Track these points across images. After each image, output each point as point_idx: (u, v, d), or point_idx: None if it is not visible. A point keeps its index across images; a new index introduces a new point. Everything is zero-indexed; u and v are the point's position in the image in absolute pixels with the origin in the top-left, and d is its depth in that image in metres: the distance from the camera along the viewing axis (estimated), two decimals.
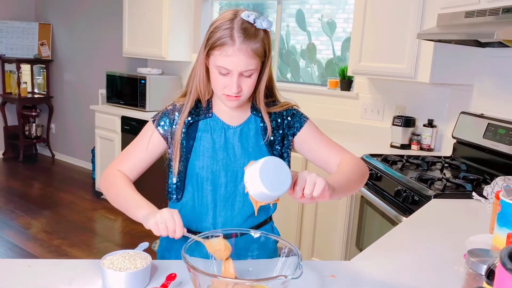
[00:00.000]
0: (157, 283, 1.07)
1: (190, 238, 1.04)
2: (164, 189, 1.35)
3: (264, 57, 1.21)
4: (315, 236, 3.02)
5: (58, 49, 5.84)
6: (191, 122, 1.28)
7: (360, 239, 2.65)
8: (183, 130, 1.26)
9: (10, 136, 5.92)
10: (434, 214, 1.78)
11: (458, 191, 2.04)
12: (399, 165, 2.46)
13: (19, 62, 5.64)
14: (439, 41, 2.51)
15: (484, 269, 0.93)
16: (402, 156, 2.62)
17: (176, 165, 1.27)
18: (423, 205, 1.88)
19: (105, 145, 4.45)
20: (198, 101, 1.30)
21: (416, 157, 2.62)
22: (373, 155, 2.66)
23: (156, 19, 4.21)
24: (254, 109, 1.31)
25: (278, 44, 4.00)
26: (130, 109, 4.28)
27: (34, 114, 5.99)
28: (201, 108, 1.30)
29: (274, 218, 1.42)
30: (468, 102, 2.78)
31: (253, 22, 1.17)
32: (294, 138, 1.34)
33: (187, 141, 1.27)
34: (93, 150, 4.88)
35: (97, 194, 4.63)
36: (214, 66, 1.20)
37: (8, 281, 1.06)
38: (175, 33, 4.24)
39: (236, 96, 1.21)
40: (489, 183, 1.98)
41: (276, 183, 0.98)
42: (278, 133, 1.31)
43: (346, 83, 3.51)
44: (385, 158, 2.58)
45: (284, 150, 1.33)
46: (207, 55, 1.21)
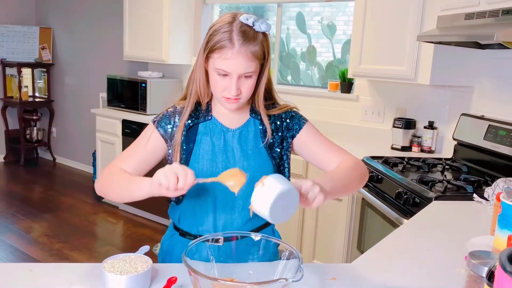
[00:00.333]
0: (158, 287, 1.07)
1: (191, 241, 1.04)
2: None
3: (263, 59, 1.22)
4: (316, 238, 3.01)
5: (59, 53, 5.85)
6: (191, 125, 1.28)
7: (361, 242, 2.65)
8: (183, 133, 1.27)
9: (11, 140, 5.93)
10: (435, 216, 1.77)
11: (459, 193, 2.04)
12: (400, 167, 2.46)
13: (20, 66, 5.65)
14: (439, 43, 2.52)
15: (485, 271, 0.93)
16: (403, 158, 2.62)
17: None
18: (424, 207, 1.88)
19: (106, 148, 4.46)
20: (198, 103, 1.30)
21: (417, 159, 2.62)
22: (373, 157, 2.66)
23: (156, 22, 4.22)
24: (253, 111, 1.32)
25: (278, 47, 4.00)
26: (130, 112, 4.29)
27: (35, 118, 6.00)
28: (200, 111, 1.30)
29: None
30: (468, 104, 2.78)
31: (252, 25, 1.18)
32: (293, 140, 1.34)
33: (187, 144, 1.27)
34: (94, 154, 4.88)
35: (98, 198, 4.63)
36: (213, 69, 1.20)
37: (9, 285, 1.06)
38: (176, 36, 4.24)
39: (235, 98, 1.21)
40: (490, 185, 1.98)
41: (281, 214, 1.03)
42: (278, 135, 1.32)
43: (347, 86, 3.51)
44: (386, 160, 2.58)
45: (283, 152, 1.33)
46: (206, 58, 1.22)
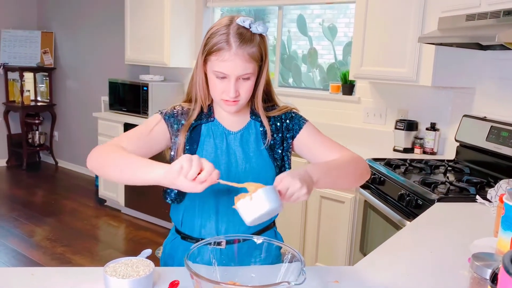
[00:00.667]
0: None
1: (193, 245, 1.04)
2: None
3: (260, 61, 1.22)
4: (319, 241, 3.01)
5: (61, 57, 5.87)
6: (195, 125, 1.29)
7: (364, 244, 2.65)
8: (187, 134, 1.27)
9: (14, 144, 5.94)
10: (438, 218, 1.77)
11: (461, 195, 2.03)
12: (402, 169, 2.46)
13: (22, 70, 5.67)
14: (441, 44, 2.51)
15: (488, 273, 0.92)
16: (405, 160, 2.61)
17: None
18: (427, 209, 1.87)
19: None
20: (200, 106, 1.30)
21: (419, 160, 2.61)
22: (376, 159, 2.65)
23: (157, 26, 4.23)
24: (253, 114, 1.32)
25: (279, 49, 4.00)
26: (132, 116, 4.29)
27: (37, 122, 6.02)
28: (203, 112, 1.30)
29: (277, 223, 1.42)
30: (470, 105, 2.78)
31: (248, 27, 1.18)
32: (293, 140, 1.34)
33: (191, 144, 1.27)
34: None
35: (100, 201, 4.64)
36: (211, 72, 1.21)
37: None
38: (177, 39, 4.25)
39: (234, 101, 1.22)
40: (492, 186, 1.97)
41: (261, 221, 1.07)
42: (278, 136, 1.32)
43: (348, 88, 3.51)
44: (388, 162, 2.57)
45: (284, 153, 1.33)
46: (205, 61, 1.22)
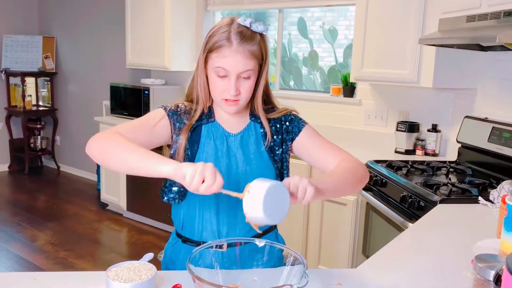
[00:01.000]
0: None
1: (195, 248, 1.03)
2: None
3: (261, 60, 1.23)
4: (321, 243, 3.00)
5: (62, 61, 5.88)
6: (195, 126, 1.29)
7: (366, 246, 2.64)
8: (188, 134, 1.27)
9: (16, 149, 5.95)
10: (440, 220, 1.76)
11: (464, 196, 2.03)
12: (404, 170, 2.45)
13: (24, 75, 5.68)
14: (441, 45, 2.51)
15: (492, 274, 0.92)
16: (407, 161, 2.61)
17: None
18: (429, 210, 1.87)
19: None
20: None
21: (421, 162, 2.61)
22: (377, 161, 2.65)
23: (158, 30, 4.24)
24: (253, 115, 1.32)
25: (280, 52, 4.01)
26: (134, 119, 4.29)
27: (39, 126, 6.03)
28: (203, 113, 1.31)
29: (279, 226, 1.41)
30: (471, 106, 2.77)
31: (249, 26, 1.20)
32: (292, 143, 1.35)
33: (191, 145, 1.27)
34: None
35: (102, 206, 4.64)
36: (212, 70, 1.21)
37: None
38: (178, 43, 4.26)
39: (234, 100, 1.22)
40: (495, 187, 1.97)
41: (276, 212, 1.02)
42: (278, 138, 1.32)
43: (349, 90, 3.51)
44: (389, 164, 2.57)
45: (283, 155, 1.33)
46: (206, 61, 1.23)
